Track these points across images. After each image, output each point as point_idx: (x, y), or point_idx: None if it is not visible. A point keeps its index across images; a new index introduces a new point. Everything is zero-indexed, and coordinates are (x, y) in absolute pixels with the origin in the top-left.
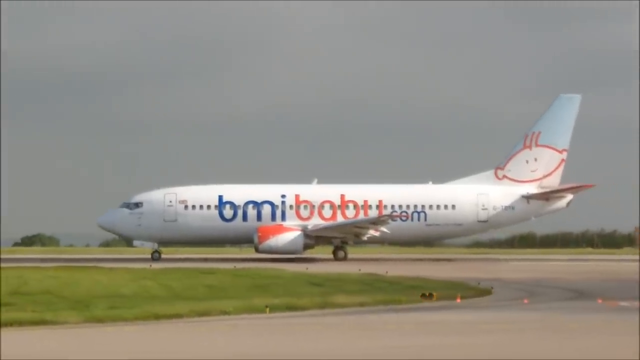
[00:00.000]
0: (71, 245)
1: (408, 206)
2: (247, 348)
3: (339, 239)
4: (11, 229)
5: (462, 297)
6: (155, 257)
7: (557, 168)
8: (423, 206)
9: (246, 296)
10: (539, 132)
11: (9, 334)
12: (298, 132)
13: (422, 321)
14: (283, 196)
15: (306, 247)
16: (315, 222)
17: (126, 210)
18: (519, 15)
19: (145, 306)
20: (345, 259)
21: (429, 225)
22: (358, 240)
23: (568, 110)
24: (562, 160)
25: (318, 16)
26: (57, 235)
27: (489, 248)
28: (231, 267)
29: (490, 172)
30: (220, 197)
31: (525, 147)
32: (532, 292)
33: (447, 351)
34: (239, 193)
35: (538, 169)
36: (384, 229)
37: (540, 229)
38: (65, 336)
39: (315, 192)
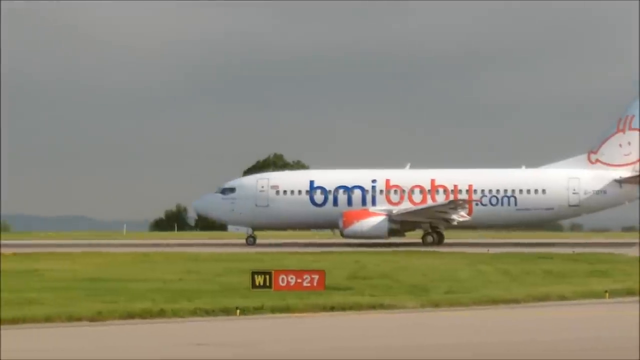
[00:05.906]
0: None
1: (498, 190)
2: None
3: (426, 223)
4: None
5: None
6: (250, 242)
7: None
8: (513, 190)
9: (585, 282)
10: (633, 116)
11: (347, 317)
12: None
13: None
14: (374, 181)
15: (392, 232)
16: (405, 206)
17: (220, 196)
18: None
19: (483, 290)
20: (435, 244)
21: (519, 209)
22: (448, 225)
23: None
24: None
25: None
26: None
27: None
28: (569, 252)
29: (583, 156)
30: (312, 182)
31: (618, 130)
32: None
33: None
34: (330, 178)
35: (632, 153)
36: (463, 213)
37: None
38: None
39: (406, 176)
